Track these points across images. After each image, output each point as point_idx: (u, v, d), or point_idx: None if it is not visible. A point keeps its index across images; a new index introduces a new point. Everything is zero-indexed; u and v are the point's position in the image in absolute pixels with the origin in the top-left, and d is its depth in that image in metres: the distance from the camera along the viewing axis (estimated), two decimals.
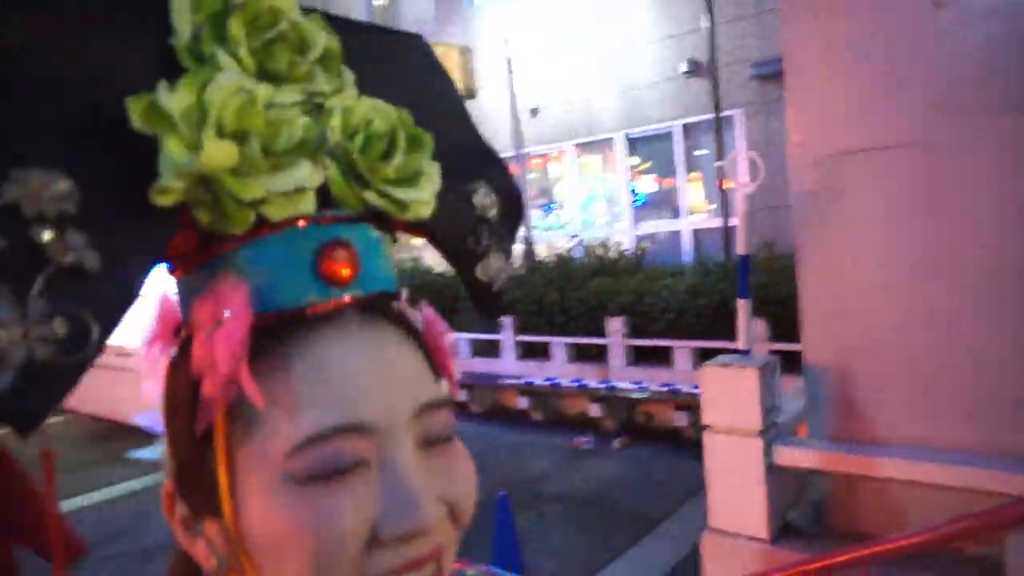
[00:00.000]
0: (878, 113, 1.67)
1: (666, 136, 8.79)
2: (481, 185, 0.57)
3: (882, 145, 1.66)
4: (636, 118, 8.99)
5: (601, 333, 6.55)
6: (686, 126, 8.48)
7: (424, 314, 0.49)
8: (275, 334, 0.41)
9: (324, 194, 0.44)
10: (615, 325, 6.36)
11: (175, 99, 0.37)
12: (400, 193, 0.46)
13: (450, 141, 0.54)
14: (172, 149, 0.37)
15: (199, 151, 0.37)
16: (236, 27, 0.41)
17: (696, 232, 8.51)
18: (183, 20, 0.40)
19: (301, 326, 0.41)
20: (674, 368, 5.96)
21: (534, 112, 9.94)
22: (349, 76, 0.47)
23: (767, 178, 1.91)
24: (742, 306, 1.75)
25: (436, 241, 0.53)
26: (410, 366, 0.44)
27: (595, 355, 6.68)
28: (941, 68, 1.58)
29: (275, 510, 0.39)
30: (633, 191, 9.41)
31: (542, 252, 10.07)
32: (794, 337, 2.18)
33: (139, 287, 0.39)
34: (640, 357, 6.42)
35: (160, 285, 0.45)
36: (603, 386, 6.17)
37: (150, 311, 0.45)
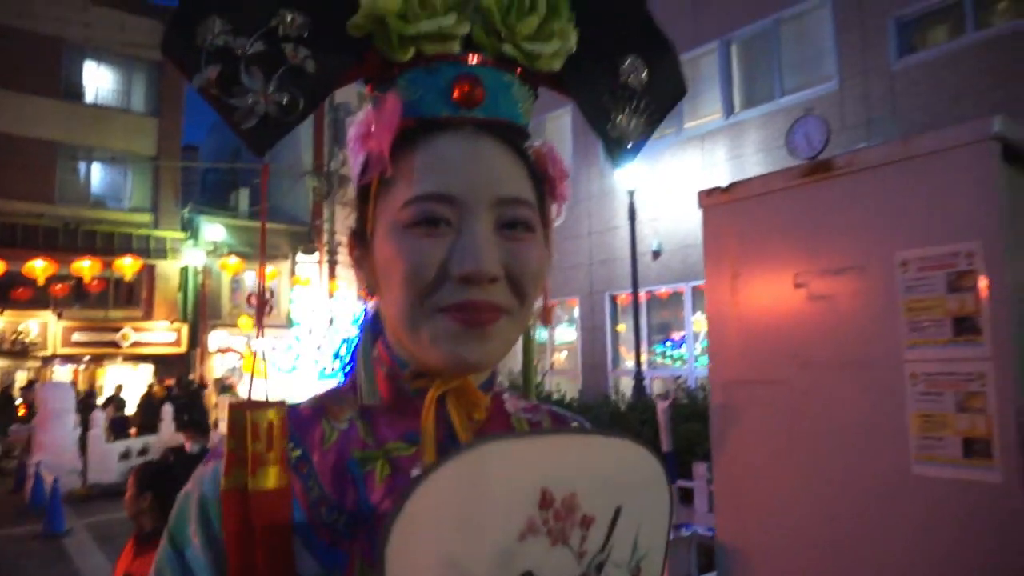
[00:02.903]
0: (756, 358, 2.24)
1: None
2: (629, 58, 0.68)
3: (759, 380, 2.22)
4: None
5: (690, 476, 6.81)
6: None
7: (541, 147, 0.64)
8: (416, 133, 0.58)
9: (473, 44, 0.60)
10: (700, 470, 6.62)
11: None
12: (530, 46, 0.60)
13: (612, 18, 0.67)
14: None
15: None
16: None
17: None
18: None
19: (433, 130, 0.58)
20: None
21: (656, 254, 10.63)
22: None
23: None
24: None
25: (573, 94, 0.67)
26: (504, 169, 0.58)
27: (682, 497, 6.91)
28: (796, 331, 2.14)
29: (389, 243, 0.58)
30: None
31: (657, 387, 10.44)
32: None
33: (334, 84, 0.60)
34: None
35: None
36: (683, 528, 6.39)
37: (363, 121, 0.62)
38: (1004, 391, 1.68)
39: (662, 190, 10.16)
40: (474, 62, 0.60)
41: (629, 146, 0.69)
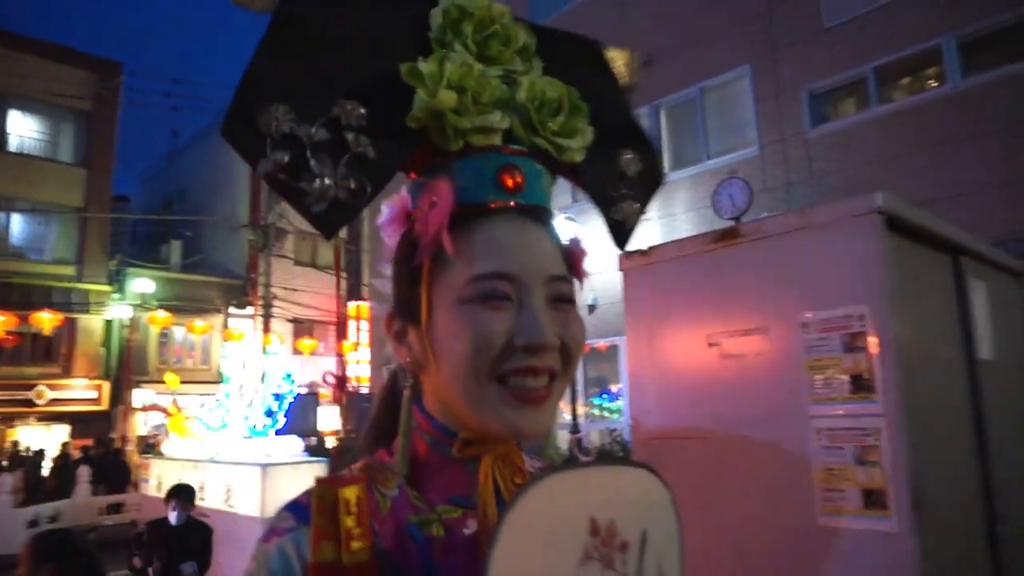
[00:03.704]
0: (674, 414, 2.33)
1: None
2: (626, 152, 0.78)
3: (678, 436, 2.30)
4: None
5: None
6: None
7: (572, 238, 0.70)
8: (466, 217, 0.63)
9: (510, 136, 0.67)
10: None
11: (425, 65, 0.63)
12: (559, 140, 0.68)
13: (607, 117, 0.75)
14: (421, 94, 0.62)
15: (436, 96, 0.62)
16: (467, 27, 0.67)
17: None
18: (436, 23, 0.67)
19: (483, 214, 0.63)
20: None
21: (592, 308, 10.82)
22: (538, 64, 0.71)
23: None
24: None
25: (584, 183, 0.75)
26: (548, 250, 0.65)
27: None
28: (710, 388, 2.24)
29: (452, 318, 0.61)
30: None
31: (594, 439, 10.50)
32: None
33: (394, 171, 0.64)
34: None
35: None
36: None
37: (390, 208, 0.68)
38: (895, 445, 1.79)
39: (597, 246, 10.40)
40: (514, 153, 0.66)
41: (629, 228, 0.79)
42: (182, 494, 4.61)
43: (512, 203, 0.64)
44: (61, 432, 17.06)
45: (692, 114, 10.51)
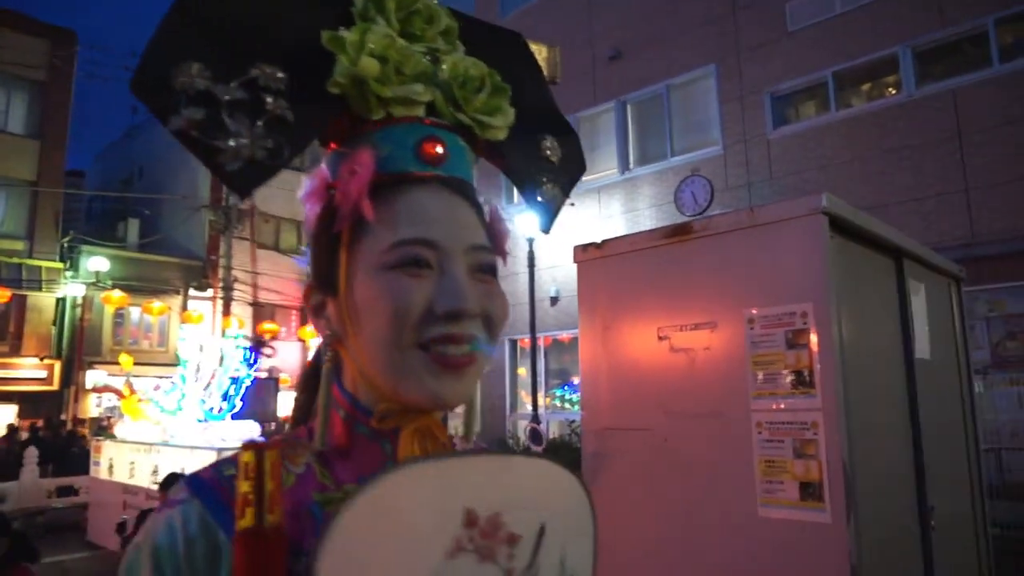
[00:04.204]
0: (626, 406, 2.37)
1: None
2: (548, 138, 0.80)
3: (628, 427, 2.34)
4: None
5: None
6: None
7: (491, 208, 0.70)
8: (387, 187, 0.63)
9: (432, 111, 0.67)
10: None
11: (348, 34, 0.63)
12: (482, 117, 0.69)
13: (530, 105, 0.77)
14: (342, 61, 0.62)
15: (358, 63, 0.62)
16: (390, 3, 0.67)
17: None
18: None
19: (404, 184, 0.63)
20: None
21: (554, 300, 10.89)
22: (461, 46, 0.71)
23: None
24: None
25: (506, 165, 0.75)
26: (470, 221, 0.65)
27: None
28: (660, 381, 2.29)
29: (372, 285, 0.61)
30: None
31: (554, 430, 10.59)
32: None
33: (313, 135, 0.63)
34: None
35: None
36: None
37: (310, 181, 0.67)
38: (831, 439, 1.86)
39: (560, 239, 10.48)
40: (436, 125, 0.67)
41: (554, 211, 0.80)
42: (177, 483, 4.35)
43: (434, 174, 0.64)
44: (8, 412, 16.57)
45: (658, 111, 10.61)
